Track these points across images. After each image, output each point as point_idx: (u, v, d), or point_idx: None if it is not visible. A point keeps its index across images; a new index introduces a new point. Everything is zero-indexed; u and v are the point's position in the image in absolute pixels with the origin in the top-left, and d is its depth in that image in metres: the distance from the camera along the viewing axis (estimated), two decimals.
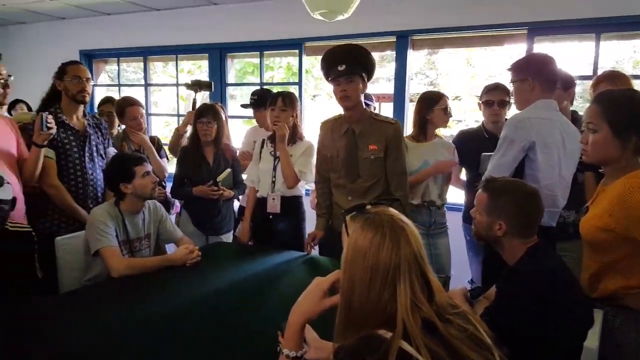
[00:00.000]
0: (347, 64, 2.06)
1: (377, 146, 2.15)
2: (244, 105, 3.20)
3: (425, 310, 0.86)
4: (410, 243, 0.89)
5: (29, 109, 3.82)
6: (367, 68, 2.14)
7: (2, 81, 2.10)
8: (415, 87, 4.13)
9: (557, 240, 2.01)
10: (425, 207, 2.50)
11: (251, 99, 3.10)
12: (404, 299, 0.85)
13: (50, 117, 2.17)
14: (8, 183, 1.87)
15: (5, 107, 2.60)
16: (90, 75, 2.43)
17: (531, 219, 1.43)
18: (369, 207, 0.97)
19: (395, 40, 3.77)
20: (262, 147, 2.62)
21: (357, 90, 2.11)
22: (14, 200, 1.87)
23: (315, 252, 2.42)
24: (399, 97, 3.82)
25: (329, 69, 2.11)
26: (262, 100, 2.92)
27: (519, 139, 1.83)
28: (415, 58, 4.01)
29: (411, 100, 3.89)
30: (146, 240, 2.15)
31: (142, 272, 1.90)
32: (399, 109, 3.82)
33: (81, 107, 2.44)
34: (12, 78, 2.19)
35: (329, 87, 2.38)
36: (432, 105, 2.48)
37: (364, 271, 0.89)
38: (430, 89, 4.35)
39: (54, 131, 2.19)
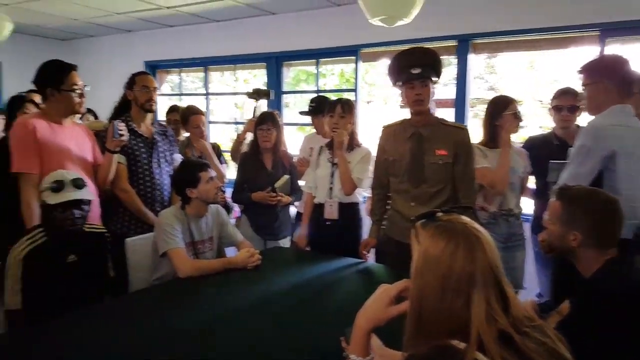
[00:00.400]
0: (423, 67, 2.03)
1: (445, 151, 2.11)
2: (302, 112, 3.27)
3: (501, 321, 0.84)
4: (486, 252, 0.88)
5: (95, 117, 4.09)
6: (439, 72, 2.12)
7: (78, 91, 2.27)
8: (474, 92, 4.03)
9: (635, 253, 1.89)
10: (503, 217, 2.42)
11: (310, 105, 3.16)
12: (479, 309, 0.84)
13: (122, 124, 2.33)
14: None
15: (78, 116, 2.81)
16: (157, 85, 2.58)
17: (609, 229, 1.36)
18: (440, 214, 0.96)
19: (456, 44, 3.71)
20: (319, 153, 2.66)
21: (430, 94, 2.09)
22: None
23: (370, 259, 2.42)
24: (459, 102, 3.75)
25: (401, 72, 2.08)
26: (320, 107, 2.97)
27: (598, 149, 1.74)
28: (475, 62, 3.93)
29: (471, 106, 3.81)
30: (209, 243, 2.25)
31: (206, 274, 1.99)
32: (460, 114, 3.75)
33: (149, 115, 2.59)
34: (87, 88, 2.35)
35: (383, 93, 2.38)
36: (501, 110, 2.42)
37: (436, 280, 0.88)
38: (492, 93, 4.23)
39: (125, 138, 2.34)
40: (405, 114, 2.23)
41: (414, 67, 2.03)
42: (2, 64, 5.71)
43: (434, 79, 2.09)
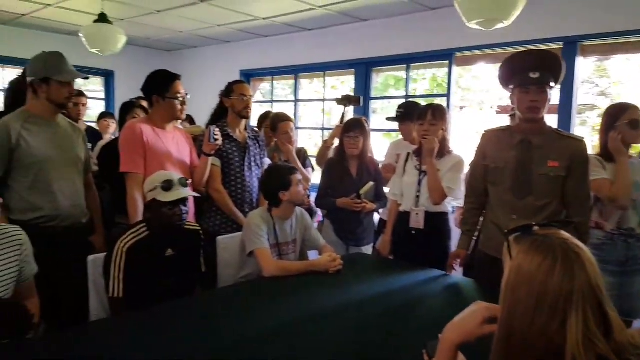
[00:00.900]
0: (542, 71, 1.89)
1: (558, 163, 1.94)
2: (389, 119, 3.25)
3: (601, 347, 0.77)
4: (586, 271, 0.81)
5: (192, 122, 4.42)
6: (558, 78, 1.97)
7: (181, 99, 2.47)
8: (582, 98, 3.71)
9: None
10: (622, 237, 2.21)
11: (398, 111, 3.14)
12: (576, 332, 0.78)
13: (217, 130, 2.49)
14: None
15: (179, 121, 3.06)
16: (252, 93, 2.73)
17: None
18: (536, 228, 0.90)
19: (561, 47, 3.46)
20: (406, 160, 2.63)
21: (547, 102, 1.95)
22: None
23: (457, 272, 2.33)
24: (565, 109, 3.48)
25: (515, 76, 1.96)
26: (409, 113, 2.93)
27: None
28: (583, 66, 3.62)
29: (579, 112, 3.52)
30: (293, 245, 2.32)
31: (288, 274, 2.06)
32: (565, 120, 3.48)
33: (244, 122, 2.75)
34: (188, 96, 2.54)
35: (479, 98, 2.28)
36: (617, 119, 2.21)
37: (529, 298, 0.83)
38: (603, 99, 3.86)
39: (220, 142, 2.50)
40: (502, 120, 2.12)
41: (532, 70, 1.88)
42: (115, 73, 6.43)
43: (552, 84, 1.93)
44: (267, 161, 2.89)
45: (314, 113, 5.73)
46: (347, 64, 4.86)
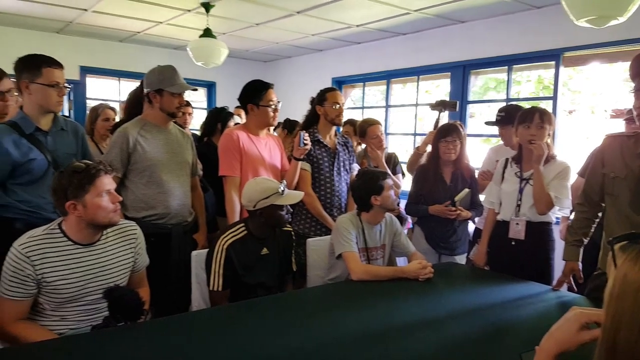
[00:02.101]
0: None
1: None
2: (489, 123, 3.14)
3: None
4: None
5: (293, 128, 4.62)
6: None
7: (273, 106, 2.62)
8: None
9: None
10: None
11: (498, 115, 3.02)
12: None
13: (307, 135, 2.61)
14: None
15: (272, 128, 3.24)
16: (344, 101, 2.81)
17: None
18: None
19: None
20: (505, 166, 2.52)
21: None
22: None
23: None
24: None
25: None
26: (510, 116, 2.81)
27: None
28: None
29: None
30: (381, 251, 2.35)
31: (376, 279, 2.08)
32: None
33: (334, 128, 2.85)
34: (280, 104, 2.69)
35: (590, 101, 2.11)
36: None
37: (635, 308, 0.78)
38: None
39: (309, 147, 2.61)
40: (616, 125, 1.94)
41: None
42: (216, 83, 6.95)
43: None
44: (356, 167, 2.95)
45: (406, 119, 5.69)
46: (443, 67, 4.78)
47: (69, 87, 2.16)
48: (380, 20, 4.63)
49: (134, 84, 3.12)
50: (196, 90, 2.54)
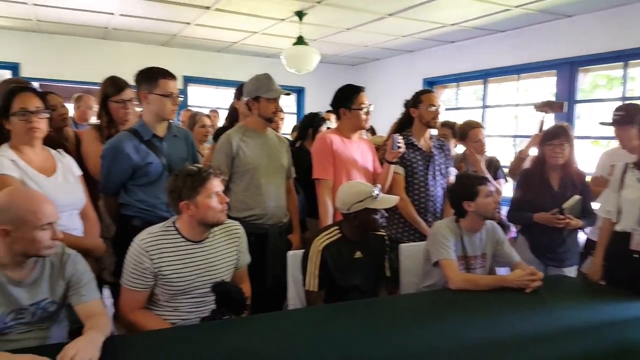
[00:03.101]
0: None
1: None
2: (604, 123, 2.91)
3: None
4: None
5: (373, 133, 4.63)
6: None
7: (365, 110, 2.65)
8: None
9: None
10: None
11: (615, 114, 2.78)
12: None
13: (400, 138, 2.60)
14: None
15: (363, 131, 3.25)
16: (439, 102, 2.77)
17: None
18: None
19: None
20: (624, 172, 2.32)
21: None
22: None
23: None
24: None
25: None
26: (630, 116, 2.58)
27: None
28: None
29: None
30: (481, 259, 2.27)
31: (476, 288, 2.02)
32: None
33: (429, 131, 2.81)
34: (372, 107, 2.70)
35: None
36: None
37: None
38: None
39: (403, 150, 2.60)
40: None
41: None
42: (305, 89, 7.16)
43: None
44: (453, 170, 2.88)
45: (503, 120, 5.44)
46: (547, 64, 4.50)
47: (181, 97, 2.37)
48: (477, 18, 4.48)
49: (230, 92, 3.35)
50: (289, 94, 2.65)
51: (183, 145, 2.44)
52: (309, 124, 3.34)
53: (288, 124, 5.51)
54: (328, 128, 3.30)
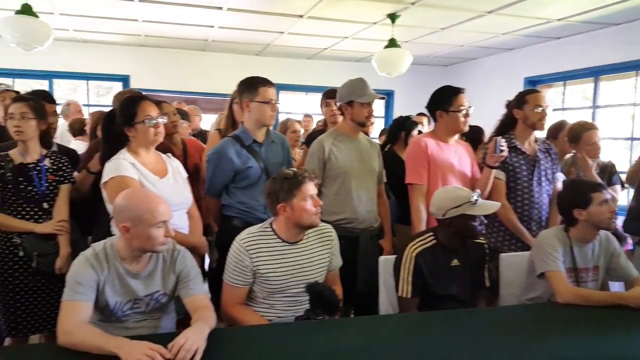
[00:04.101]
0: None
1: None
2: None
3: None
4: None
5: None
6: None
7: (464, 111, 2.57)
8: None
9: None
10: None
11: None
12: None
13: (503, 141, 2.51)
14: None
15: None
16: (547, 103, 2.62)
17: None
18: None
19: None
20: None
21: None
22: None
23: None
24: None
25: None
26: None
27: None
28: None
29: None
30: (593, 273, 2.12)
31: (587, 304, 1.89)
32: None
33: (534, 133, 2.67)
34: (472, 109, 2.62)
35: None
36: None
37: None
38: None
39: (505, 154, 2.51)
40: None
41: None
42: (394, 92, 7.12)
43: None
44: (560, 176, 2.71)
45: (617, 120, 5.00)
46: None
47: (279, 103, 2.51)
48: (587, 12, 4.19)
49: (318, 97, 3.48)
50: (384, 98, 2.67)
51: (280, 150, 2.57)
52: (400, 128, 3.33)
53: (376, 128, 5.54)
54: (419, 132, 3.27)
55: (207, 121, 5.25)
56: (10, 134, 2.22)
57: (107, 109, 2.37)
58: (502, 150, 2.48)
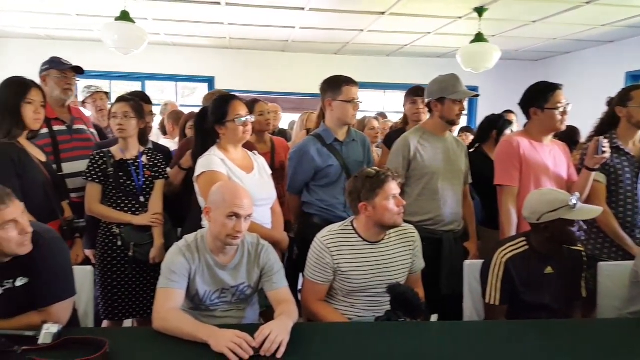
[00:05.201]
0: None
1: None
2: None
3: None
4: None
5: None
6: None
7: (561, 109, 2.42)
8: None
9: None
10: None
11: None
12: None
13: (605, 141, 2.33)
14: None
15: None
16: None
17: None
18: None
19: None
20: None
21: None
22: None
23: None
24: None
25: None
26: None
27: None
28: None
29: None
30: None
31: None
32: None
33: (639, 133, 2.47)
34: (570, 106, 2.45)
35: None
36: None
37: None
38: None
39: (607, 155, 2.33)
40: None
41: None
42: (478, 88, 6.84)
43: None
44: None
45: None
46: None
47: (362, 102, 2.52)
48: None
49: (396, 95, 3.45)
50: (478, 96, 2.58)
51: (360, 148, 2.58)
52: (492, 126, 3.20)
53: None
54: (512, 131, 3.13)
55: (285, 120, 5.38)
56: (113, 131, 2.43)
57: (190, 109, 2.50)
58: (604, 152, 2.30)
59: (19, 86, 2.10)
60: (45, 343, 1.44)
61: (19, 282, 1.58)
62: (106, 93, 3.63)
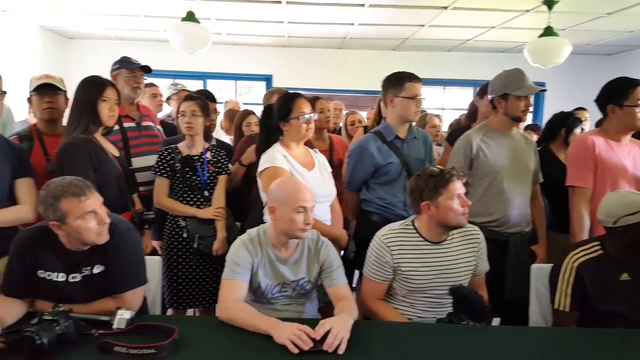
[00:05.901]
0: None
1: None
2: None
3: None
4: None
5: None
6: None
7: (638, 107, 2.29)
8: None
9: None
10: None
11: None
12: None
13: None
14: None
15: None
16: None
17: None
18: None
19: None
20: None
21: None
22: None
23: None
24: None
25: None
26: None
27: None
28: None
29: None
30: None
31: None
32: None
33: None
34: None
35: None
36: None
37: None
38: None
39: None
40: None
41: None
42: (545, 84, 6.53)
43: None
44: None
45: None
46: None
47: (424, 99, 2.48)
48: None
49: (457, 91, 3.37)
50: (545, 90, 2.47)
51: (421, 146, 2.54)
52: (561, 124, 3.06)
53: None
54: (582, 130, 2.98)
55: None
56: (181, 128, 2.53)
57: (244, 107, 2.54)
58: None
59: (95, 85, 2.22)
60: (119, 328, 1.53)
61: (96, 269, 1.69)
62: (189, 91, 3.78)
